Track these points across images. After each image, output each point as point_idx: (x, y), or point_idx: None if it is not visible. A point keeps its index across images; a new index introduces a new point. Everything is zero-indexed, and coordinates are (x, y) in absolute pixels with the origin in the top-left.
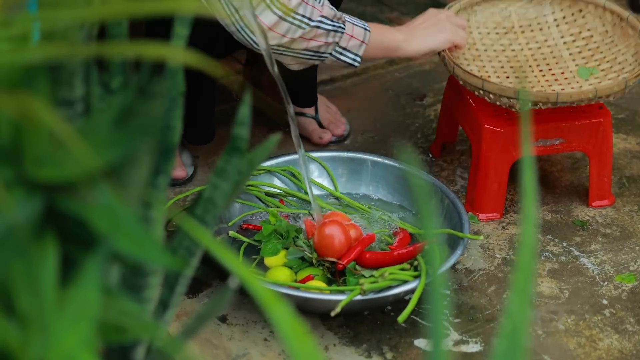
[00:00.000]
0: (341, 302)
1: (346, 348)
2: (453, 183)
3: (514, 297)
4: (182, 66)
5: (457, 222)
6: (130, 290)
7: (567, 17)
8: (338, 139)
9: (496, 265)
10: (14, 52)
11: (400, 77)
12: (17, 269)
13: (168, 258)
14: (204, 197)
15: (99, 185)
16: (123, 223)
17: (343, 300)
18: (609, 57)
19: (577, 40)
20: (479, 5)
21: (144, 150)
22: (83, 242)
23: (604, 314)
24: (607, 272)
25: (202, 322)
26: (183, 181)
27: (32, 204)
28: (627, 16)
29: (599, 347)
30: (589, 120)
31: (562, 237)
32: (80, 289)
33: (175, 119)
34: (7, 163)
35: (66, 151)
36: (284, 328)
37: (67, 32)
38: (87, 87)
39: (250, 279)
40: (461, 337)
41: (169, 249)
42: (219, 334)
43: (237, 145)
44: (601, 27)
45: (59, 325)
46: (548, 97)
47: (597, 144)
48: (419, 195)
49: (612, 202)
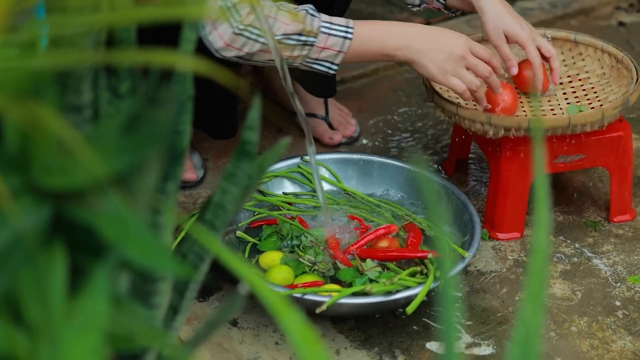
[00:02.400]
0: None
1: (357, 351)
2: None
3: (527, 304)
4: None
5: (469, 222)
6: (140, 296)
7: (567, 59)
8: (348, 140)
9: (508, 267)
10: (21, 58)
11: (410, 77)
12: (26, 277)
13: (177, 265)
14: (214, 201)
15: (108, 192)
16: (132, 231)
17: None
18: (601, 97)
19: (574, 82)
20: (480, 42)
21: (153, 157)
22: (91, 250)
23: (617, 315)
24: (619, 273)
25: (212, 329)
26: (193, 184)
27: (40, 212)
28: (622, 57)
29: (612, 349)
30: (609, 135)
31: (574, 238)
32: (89, 298)
33: (185, 124)
34: (15, 171)
35: (74, 159)
36: (295, 334)
37: (75, 38)
38: (95, 92)
39: (260, 285)
40: (473, 340)
41: (179, 254)
42: (230, 337)
43: (246, 149)
44: (599, 69)
45: (67, 335)
46: (519, 123)
47: (618, 158)
48: (429, 196)
49: (633, 217)
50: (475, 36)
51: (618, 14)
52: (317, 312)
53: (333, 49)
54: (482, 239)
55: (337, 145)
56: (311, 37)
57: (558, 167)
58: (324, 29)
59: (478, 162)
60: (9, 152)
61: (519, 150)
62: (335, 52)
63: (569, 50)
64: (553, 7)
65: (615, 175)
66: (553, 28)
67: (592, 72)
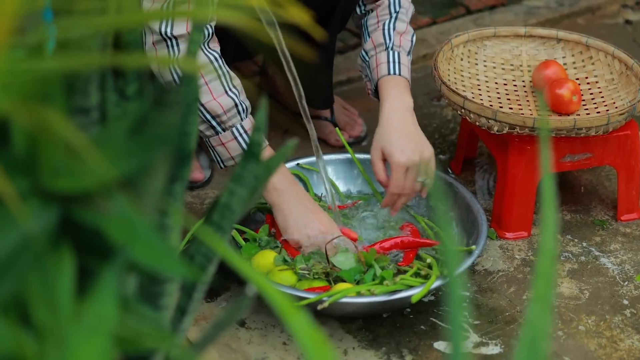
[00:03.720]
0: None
1: (365, 351)
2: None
3: (535, 303)
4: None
5: (476, 222)
6: (148, 298)
7: (577, 62)
8: (355, 140)
9: (515, 266)
10: (29, 61)
11: (417, 77)
12: (34, 280)
13: (185, 267)
14: (221, 203)
15: (115, 195)
16: (139, 233)
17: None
18: (608, 102)
19: (583, 85)
20: (489, 40)
21: (160, 159)
22: (99, 252)
23: (624, 314)
24: (627, 272)
25: (220, 329)
26: (201, 184)
27: (48, 214)
28: (632, 64)
29: (620, 347)
30: (616, 133)
31: (581, 237)
32: (97, 301)
33: (192, 125)
34: (22, 174)
35: (82, 161)
36: (302, 335)
37: (82, 40)
38: (102, 94)
39: (267, 286)
40: (481, 339)
41: (186, 255)
42: (238, 338)
43: (253, 150)
44: (608, 74)
45: (75, 337)
46: (524, 121)
47: (625, 157)
48: (434, 197)
49: None
50: (488, 31)
51: (625, 12)
52: (319, 309)
53: (228, 152)
54: (489, 238)
55: (343, 146)
56: (219, 127)
57: (565, 166)
58: (235, 131)
59: (485, 161)
60: (16, 154)
61: (525, 150)
62: (228, 157)
63: (579, 53)
64: (560, 5)
65: (623, 174)
66: (563, 30)
67: (601, 77)
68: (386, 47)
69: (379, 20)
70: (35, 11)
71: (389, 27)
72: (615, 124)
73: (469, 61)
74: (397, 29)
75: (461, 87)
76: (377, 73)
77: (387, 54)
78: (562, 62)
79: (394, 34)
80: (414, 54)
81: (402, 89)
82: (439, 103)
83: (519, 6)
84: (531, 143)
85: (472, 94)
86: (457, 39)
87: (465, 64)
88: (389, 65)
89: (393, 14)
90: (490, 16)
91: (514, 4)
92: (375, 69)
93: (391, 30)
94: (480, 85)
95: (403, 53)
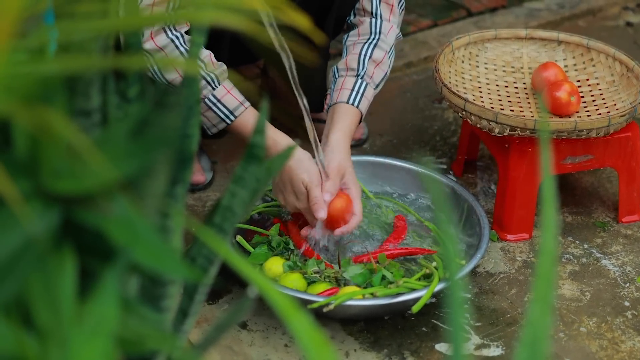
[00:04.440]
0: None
1: (367, 353)
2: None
3: (535, 305)
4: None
5: (477, 224)
6: (149, 300)
7: (577, 64)
8: (356, 143)
9: (517, 268)
10: (31, 63)
11: (418, 79)
12: (36, 281)
13: (186, 269)
14: (223, 205)
15: (117, 197)
16: (141, 235)
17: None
18: (609, 104)
19: (583, 87)
20: (490, 43)
21: (162, 161)
22: (101, 254)
23: (626, 315)
24: (628, 274)
25: (222, 331)
26: (202, 186)
27: (50, 216)
28: (632, 66)
29: (622, 349)
30: (617, 135)
31: (582, 238)
32: (99, 302)
33: (193, 127)
34: (25, 175)
35: (83, 163)
36: (303, 337)
37: (84, 43)
38: (104, 96)
39: (269, 288)
40: (482, 341)
41: (188, 257)
42: (240, 340)
43: (254, 152)
44: (609, 76)
45: (77, 338)
46: (525, 123)
47: (626, 159)
48: (435, 200)
49: None
50: (488, 33)
51: (625, 14)
52: (325, 311)
53: (209, 121)
54: (490, 240)
55: None
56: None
57: (566, 168)
58: (208, 102)
59: (486, 164)
60: (19, 156)
61: (526, 152)
62: (211, 124)
63: (580, 55)
64: (561, 7)
65: (624, 176)
66: (564, 32)
67: (602, 79)
68: (357, 74)
69: (359, 40)
70: (37, 14)
71: (365, 53)
72: (616, 126)
73: (470, 63)
74: (374, 57)
75: (462, 89)
76: (337, 95)
77: (354, 81)
78: (563, 64)
79: (369, 63)
80: (414, 56)
81: (354, 122)
82: (440, 105)
83: (520, 8)
84: (532, 145)
85: (473, 96)
86: (458, 42)
87: (466, 66)
88: (351, 93)
89: (375, 35)
90: (491, 18)
91: (515, 6)
92: (338, 91)
93: (367, 57)
94: (481, 88)
95: (370, 86)
